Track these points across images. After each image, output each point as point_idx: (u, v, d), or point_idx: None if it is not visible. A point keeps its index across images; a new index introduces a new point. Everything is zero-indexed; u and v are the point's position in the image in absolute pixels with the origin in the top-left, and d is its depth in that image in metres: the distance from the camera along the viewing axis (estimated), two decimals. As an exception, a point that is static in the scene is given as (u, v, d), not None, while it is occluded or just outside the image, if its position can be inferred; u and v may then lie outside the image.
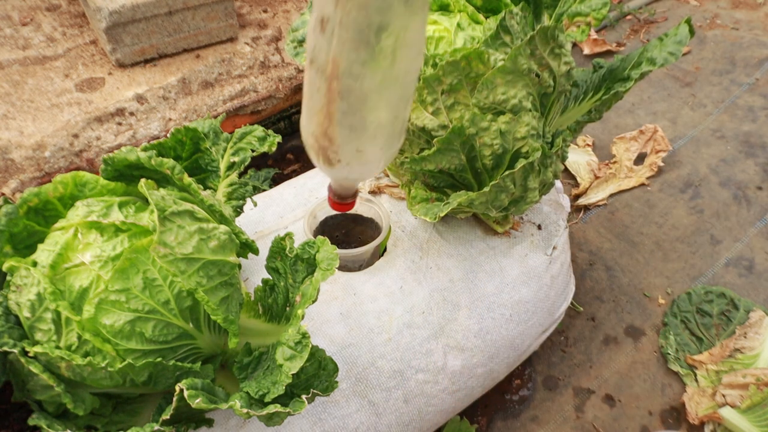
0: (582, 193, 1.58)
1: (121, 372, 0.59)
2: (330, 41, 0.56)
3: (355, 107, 0.62)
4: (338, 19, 0.55)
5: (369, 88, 0.61)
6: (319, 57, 0.59)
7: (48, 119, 1.17)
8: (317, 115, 0.63)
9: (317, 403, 0.79)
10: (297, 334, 0.59)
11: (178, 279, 0.60)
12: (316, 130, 0.64)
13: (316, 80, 0.60)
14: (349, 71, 0.59)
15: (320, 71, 0.59)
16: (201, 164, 0.84)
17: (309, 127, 0.65)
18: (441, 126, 0.81)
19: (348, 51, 0.57)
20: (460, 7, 0.86)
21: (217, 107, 1.32)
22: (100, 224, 0.63)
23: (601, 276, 1.39)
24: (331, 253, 0.65)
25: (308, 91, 0.62)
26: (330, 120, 0.63)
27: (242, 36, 1.45)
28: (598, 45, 2.14)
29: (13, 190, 1.08)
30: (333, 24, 0.55)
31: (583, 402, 1.15)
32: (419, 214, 0.83)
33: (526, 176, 0.81)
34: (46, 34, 1.39)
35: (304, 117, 0.66)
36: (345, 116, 0.62)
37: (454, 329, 0.90)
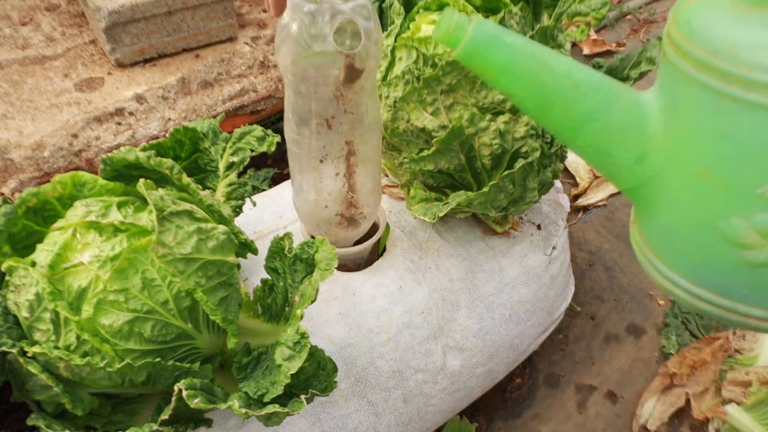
0: (581, 193, 1.58)
1: (119, 372, 0.59)
2: (340, 131, 0.70)
3: (363, 165, 0.75)
4: (342, 110, 0.68)
5: (368, 145, 0.74)
6: (333, 150, 0.72)
7: (47, 119, 1.17)
8: (339, 196, 0.77)
9: (316, 403, 0.79)
10: (296, 334, 0.59)
11: (176, 279, 0.60)
12: (340, 208, 0.79)
13: (332, 169, 0.73)
14: (360, 142, 0.72)
15: (336, 159, 0.72)
16: (200, 164, 0.84)
17: (330, 216, 0.79)
18: (440, 126, 0.81)
19: (355, 127, 0.70)
20: (460, 7, 0.86)
21: (216, 107, 1.32)
22: (99, 224, 0.63)
23: (600, 276, 1.39)
24: (329, 253, 0.65)
25: (322, 186, 0.76)
26: (354, 190, 0.77)
27: (242, 36, 1.45)
28: (597, 45, 2.14)
29: (12, 190, 1.08)
30: (338, 117, 0.68)
31: (585, 399, 1.15)
32: (418, 214, 0.83)
33: (526, 176, 0.81)
34: (46, 33, 1.39)
35: (320, 214, 0.80)
36: (360, 178, 0.75)
37: (454, 329, 0.90)
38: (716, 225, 0.42)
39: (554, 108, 0.49)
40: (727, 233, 0.42)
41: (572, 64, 0.49)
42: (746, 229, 0.40)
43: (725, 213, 0.42)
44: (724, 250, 0.42)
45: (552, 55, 0.49)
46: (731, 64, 0.38)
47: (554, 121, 0.50)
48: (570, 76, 0.48)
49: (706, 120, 0.42)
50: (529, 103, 0.50)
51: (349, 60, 0.64)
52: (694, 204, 0.44)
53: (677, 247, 0.47)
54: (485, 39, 0.49)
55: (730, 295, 0.44)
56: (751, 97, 0.38)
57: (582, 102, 0.48)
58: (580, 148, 0.50)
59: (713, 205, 0.42)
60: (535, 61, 0.48)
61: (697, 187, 0.43)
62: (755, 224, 0.40)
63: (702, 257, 0.45)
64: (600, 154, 0.49)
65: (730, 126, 0.40)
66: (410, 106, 0.81)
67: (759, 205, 0.40)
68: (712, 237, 0.43)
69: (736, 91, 0.39)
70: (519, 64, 0.49)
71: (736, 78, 0.38)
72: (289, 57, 0.64)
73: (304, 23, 0.61)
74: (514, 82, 0.49)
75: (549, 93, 0.48)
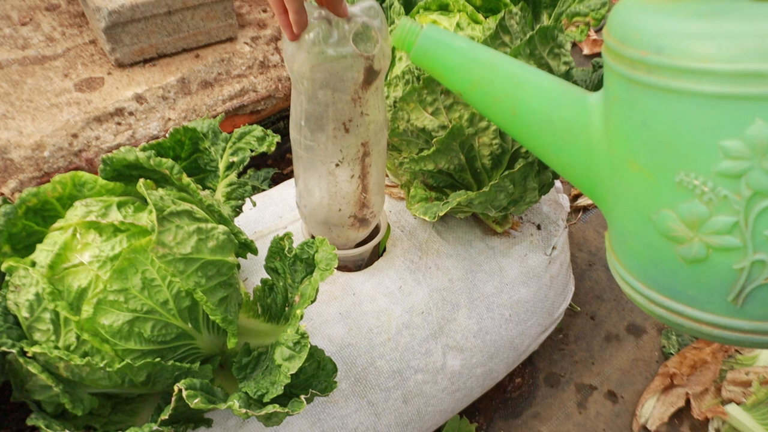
0: (581, 193, 1.58)
1: (119, 372, 0.59)
2: (357, 133, 0.70)
3: (375, 165, 0.76)
4: (359, 112, 0.69)
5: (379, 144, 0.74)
6: (350, 152, 0.72)
7: (47, 119, 1.17)
8: (353, 198, 0.78)
9: (316, 403, 0.79)
10: (296, 334, 0.59)
11: (176, 279, 0.60)
12: (353, 210, 0.80)
13: (348, 172, 0.74)
14: (374, 142, 0.73)
15: (352, 161, 0.73)
16: (200, 164, 0.84)
17: (344, 218, 0.80)
18: (440, 126, 0.81)
19: (370, 128, 0.71)
20: (460, 7, 0.86)
21: (216, 107, 1.32)
22: (99, 224, 0.63)
23: (600, 276, 1.39)
24: (329, 254, 0.65)
25: (339, 190, 0.76)
26: (366, 190, 0.78)
27: (242, 36, 1.45)
28: (597, 45, 2.14)
29: (12, 190, 1.08)
30: (355, 120, 0.69)
31: (585, 398, 1.15)
32: (418, 214, 0.83)
33: (526, 176, 0.81)
34: (46, 33, 1.39)
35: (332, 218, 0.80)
36: (373, 178, 0.77)
37: (454, 329, 0.90)
38: (651, 219, 0.42)
39: (501, 106, 0.51)
40: (659, 226, 0.41)
41: (518, 66, 0.52)
42: (674, 221, 0.40)
43: (655, 205, 0.41)
44: (662, 247, 0.42)
45: (499, 57, 0.53)
46: (634, 49, 0.40)
47: (502, 120, 0.52)
48: (514, 76, 0.51)
49: (625, 109, 0.43)
50: (477, 102, 0.53)
51: (368, 62, 0.64)
52: (632, 199, 0.44)
53: (628, 247, 0.47)
54: (433, 43, 0.55)
55: (679, 297, 0.43)
56: (654, 80, 0.39)
57: (525, 101, 0.50)
58: (533, 148, 0.52)
59: (645, 198, 0.42)
60: (480, 64, 0.52)
61: (631, 181, 0.43)
62: (680, 214, 0.40)
63: (648, 256, 0.44)
64: (550, 153, 0.51)
65: (642, 112, 0.41)
66: (410, 106, 0.81)
67: (680, 194, 0.39)
68: (651, 233, 0.42)
69: (641, 76, 0.40)
70: (465, 66, 0.53)
71: (639, 63, 0.40)
72: (307, 64, 0.63)
73: (321, 29, 0.61)
74: (462, 81, 0.53)
75: (494, 92, 0.52)
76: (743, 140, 0.36)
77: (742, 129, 0.36)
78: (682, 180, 0.39)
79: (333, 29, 0.62)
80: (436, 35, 0.55)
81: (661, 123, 0.40)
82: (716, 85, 0.36)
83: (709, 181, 0.37)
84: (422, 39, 0.55)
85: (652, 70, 0.39)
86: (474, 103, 0.54)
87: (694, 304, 0.42)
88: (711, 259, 0.39)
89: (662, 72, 0.38)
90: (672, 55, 0.37)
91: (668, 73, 0.38)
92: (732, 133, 0.36)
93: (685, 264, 0.41)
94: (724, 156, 0.36)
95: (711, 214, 0.38)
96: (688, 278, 0.42)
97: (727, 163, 0.37)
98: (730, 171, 0.37)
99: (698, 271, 0.41)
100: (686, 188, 0.39)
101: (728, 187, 0.37)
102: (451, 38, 0.55)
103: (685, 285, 0.42)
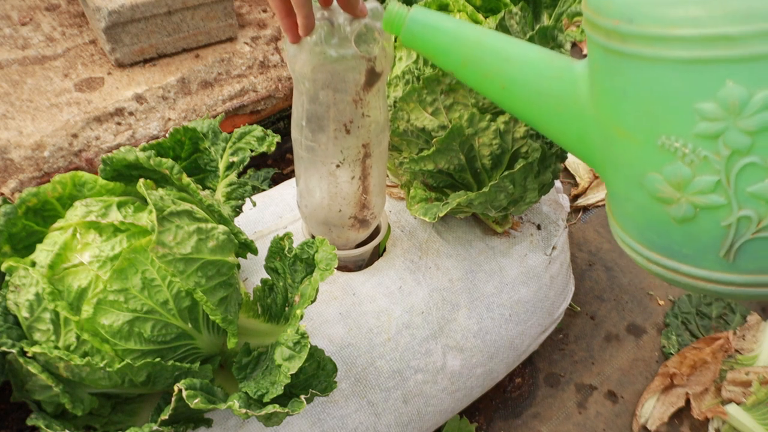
0: (581, 193, 1.58)
1: (119, 372, 0.59)
2: (357, 134, 0.70)
3: (375, 166, 0.76)
4: (361, 114, 0.68)
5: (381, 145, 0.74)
6: (351, 153, 0.72)
7: (47, 119, 1.17)
8: (353, 199, 0.78)
9: (316, 403, 0.79)
10: (296, 334, 0.59)
11: (176, 279, 0.60)
12: (354, 210, 0.79)
13: (348, 173, 0.74)
14: (375, 144, 0.73)
15: (353, 163, 0.73)
16: (200, 164, 0.84)
17: (344, 219, 0.80)
18: (440, 126, 0.81)
19: (371, 130, 0.71)
20: (460, 7, 0.86)
21: (216, 107, 1.32)
22: (99, 224, 0.63)
23: (600, 276, 1.39)
24: (329, 254, 0.65)
25: (339, 191, 0.76)
26: (367, 192, 0.78)
27: (241, 36, 1.45)
28: (597, 45, 2.14)
29: (12, 190, 1.08)
30: (356, 121, 0.69)
31: (585, 398, 1.15)
32: (418, 214, 0.83)
33: (526, 176, 0.81)
34: (46, 33, 1.39)
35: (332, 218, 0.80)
36: (373, 179, 0.77)
37: (454, 329, 0.90)
38: (640, 183, 0.43)
39: (491, 82, 0.53)
40: (649, 189, 0.43)
41: (505, 41, 0.53)
42: (661, 183, 0.41)
43: (643, 169, 0.43)
44: (654, 209, 0.43)
45: (486, 34, 0.54)
46: (608, 19, 0.41)
47: (494, 95, 0.54)
48: (501, 52, 0.52)
49: (606, 78, 0.44)
50: (469, 80, 0.55)
51: (370, 64, 0.64)
52: (622, 164, 0.45)
53: (624, 211, 0.48)
54: (421, 26, 0.56)
55: (675, 255, 0.44)
56: (628, 49, 0.40)
57: (513, 75, 0.51)
58: (527, 120, 0.54)
59: (634, 162, 0.43)
60: (468, 42, 0.53)
61: (619, 146, 0.45)
62: (666, 176, 0.41)
63: (642, 218, 0.45)
64: (543, 123, 0.52)
65: (621, 81, 0.42)
66: (410, 106, 0.81)
67: (664, 157, 0.40)
68: (642, 196, 0.44)
69: (617, 45, 0.41)
70: (454, 46, 0.54)
71: (614, 32, 0.41)
72: (309, 65, 0.63)
73: (323, 30, 0.61)
74: (452, 61, 0.55)
75: (483, 69, 0.53)
76: (717, 102, 0.37)
77: (714, 91, 0.37)
78: (664, 143, 0.40)
79: (335, 30, 0.62)
80: (422, 17, 0.56)
81: (639, 90, 0.41)
82: (687, 50, 0.37)
83: (689, 143, 0.39)
84: (410, 22, 0.56)
85: (626, 39, 0.40)
86: (466, 81, 0.55)
87: (689, 261, 0.44)
88: (699, 218, 0.41)
89: (635, 40, 0.39)
90: (642, 23, 0.39)
91: (641, 41, 0.39)
92: (706, 96, 0.37)
93: (676, 224, 0.42)
94: (701, 118, 0.38)
95: (694, 175, 0.39)
96: (680, 237, 0.43)
97: (703, 125, 0.38)
98: (707, 132, 0.38)
99: (689, 229, 0.42)
100: (669, 151, 0.40)
101: (707, 148, 0.38)
102: (439, 19, 0.56)
103: (679, 244, 0.43)
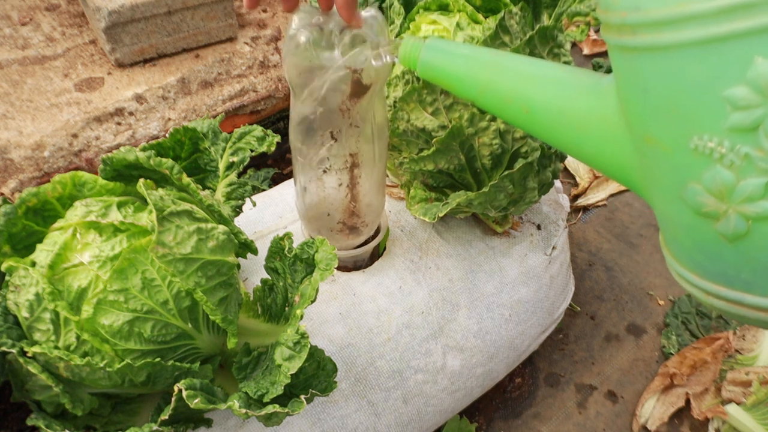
0: (581, 192, 1.58)
1: (119, 372, 0.59)
2: (344, 144, 0.70)
3: (367, 176, 0.76)
4: (348, 123, 0.68)
5: (370, 154, 0.74)
6: (337, 162, 0.72)
7: (47, 119, 1.17)
8: (341, 205, 0.78)
9: (316, 403, 0.79)
10: (296, 334, 0.59)
11: (176, 279, 0.60)
12: (343, 216, 0.80)
13: (335, 180, 0.74)
14: (366, 154, 0.73)
15: (340, 171, 0.73)
16: (200, 164, 0.84)
17: (332, 224, 0.80)
18: (440, 126, 0.81)
19: (360, 140, 0.71)
20: (460, 7, 0.86)
21: (216, 107, 1.32)
22: (99, 224, 0.62)
23: (600, 276, 1.39)
24: (329, 254, 0.65)
25: (327, 195, 0.77)
26: (356, 200, 0.78)
27: (241, 36, 1.45)
28: (597, 45, 2.14)
29: (12, 190, 1.08)
30: (344, 131, 0.69)
31: (585, 398, 1.15)
32: (418, 215, 0.83)
33: (525, 176, 0.81)
34: (46, 33, 1.39)
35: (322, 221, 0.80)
36: (363, 188, 0.77)
37: (454, 329, 0.90)
38: (681, 198, 0.38)
39: (513, 106, 0.50)
40: (691, 203, 0.37)
41: (524, 62, 0.51)
42: (703, 194, 0.36)
43: (681, 181, 0.37)
44: (700, 227, 0.38)
45: (503, 57, 0.52)
46: (616, 13, 0.38)
47: (518, 120, 0.51)
48: (521, 72, 0.50)
49: (627, 81, 0.40)
50: (490, 106, 0.52)
51: (356, 75, 0.62)
52: (660, 180, 0.40)
53: (672, 235, 0.43)
54: (436, 55, 0.54)
55: (734, 283, 0.38)
56: (640, 41, 0.36)
57: (534, 97, 0.48)
58: (557, 144, 0.50)
59: (670, 174, 0.38)
60: (486, 66, 0.51)
61: (653, 159, 0.40)
62: (706, 185, 0.35)
63: (690, 241, 0.40)
64: (573, 145, 0.48)
65: (640, 80, 0.38)
66: (410, 106, 0.81)
67: (700, 162, 0.35)
68: (686, 213, 0.38)
69: (629, 40, 0.37)
70: (471, 72, 0.52)
71: (624, 26, 0.37)
72: (295, 69, 0.62)
73: (312, 35, 0.60)
74: (471, 88, 0.52)
75: (504, 93, 0.50)
76: (748, 84, 0.31)
77: (742, 72, 0.31)
78: (698, 146, 0.34)
79: (324, 37, 0.60)
80: (439, 47, 0.54)
81: (659, 87, 0.36)
82: (701, 28, 0.32)
83: (725, 140, 0.33)
84: (425, 52, 0.54)
85: (637, 31, 0.36)
86: (488, 108, 0.52)
87: (752, 289, 0.37)
88: (753, 232, 0.34)
89: (645, 29, 0.36)
90: (649, 7, 0.35)
91: (651, 29, 0.35)
92: (733, 80, 0.32)
93: (728, 243, 0.36)
94: (732, 108, 0.32)
95: (738, 179, 0.33)
96: (736, 259, 0.37)
97: (737, 115, 0.32)
98: (743, 123, 0.32)
99: (743, 248, 0.35)
100: (704, 154, 0.34)
101: (747, 143, 0.32)
102: (454, 47, 0.54)
103: (735, 268, 0.37)
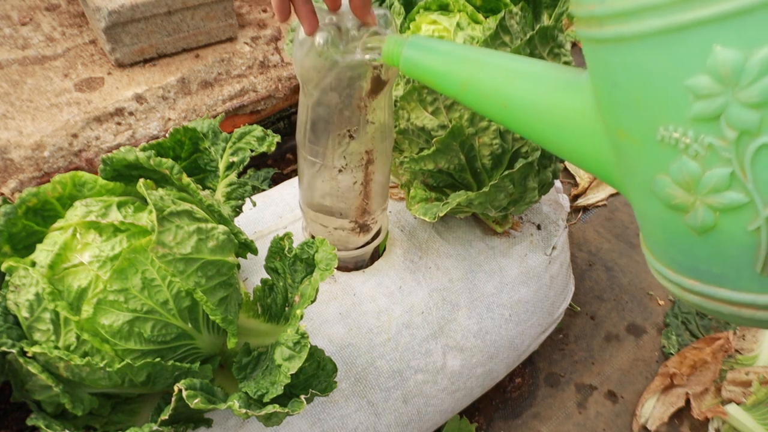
0: (581, 193, 1.58)
1: (119, 372, 0.59)
2: (361, 141, 0.71)
3: (378, 172, 0.77)
4: (365, 120, 0.69)
5: (384, 152, 0.76)
6: (354, 159, 0.73)
7: (47, 119, 1.17)
8: (354, 204, 0.79)
9: (316, 403, 0.79)
10: (296, 334, 0.59)
11: (176, 279, 0.60)
12: (355, 214, 0.80)
13: (350, 179, 0.75)
14: (379, 150, 0.74)
15: (355, 168, 0.74)
16: (200, 164, 0.84)
17: (344, 223, 0.81)
18: (440, 126, 0.81)
19: (375, 136, 0.72)
20: (460, 7, 0.86)
21: (216, 107, 1.32)
22: (99, 224, 0.62)
23: (600, 276, 1.39)
24: (329, 254, 0.65)
25: (342, 195, 0.77)
26: (368, 197, 0.79)
27: (241, 36, 1.45)
28: (597, 45, 2.14)
29: (12, 190, 1.08)
30: (361, 128, 0.69)
31: (585, 398, 1.15)
32: (418, 214, 0.83)
33: (526, 176, 0.81)
34: (46, 33, 1.39)
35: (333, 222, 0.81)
36: (376, 185, 0.78)
37: (454, 329, 0.90)
38: (652, 191, 0.38)
39: (492, 102, 0.50)
40: (661, 197, 0.37)
41: (502, 56, 0.51)
42: (671, 186, 0.36)
43: (650, 173, 0.37)
44: (671, 220, 0.38)
45: (483, 53, 0.52)
46: (584, 6, 0.38)
47: (497, 116, 0.51)
48: (499, 69, 0.50)
49: (598, 74, 0.40)
50: (472, 103, 0.53)
51: (376, 71, 0.63)
52: (633, 174, 0.40)
53: (648, 231, 0.43)
54: (418, 52, 0.55)
55: (705, 277, 0.38)
56: (606, 33, 0.36)
57: (512, 90, 0.49)
58: (536, 140, 0.50)
59: (641, 167, 0.38)
60: (466, 62, 0.52)
61: (626, 153, 0.40)
62: (674, 177, 0.35)
63: (663, 235, 0.40)
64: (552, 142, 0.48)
65: (609, 72, 0.38)
66: (410, 106, 0.81)
67: (667, 153, 0.35)
68: (657, 207, 0.38)
69: (596, 32, 0.37)
70: (452, 68, 0.53)
71: (591, 19, 0.37)
72: (314, 70, 0.62)
73: (330, 35, 0.60)
74: (452, 84, 0.53)
75: (483, 89, 0.51)
76: (708, 73, 0.31)
77: (703, 61, 0.31)
78: (663, 136, 0.35)
79: (342, 35, 0.61)
80: (419, 43, 0.55)
81: (626, 78, 0.36)
82: (661, 18, 0.32)
83: (689, 130, 0.33)
84: (407, 49, 0.55)
85: (603, 22, 0.36)
86: (469, 105, 0.53)
87: (724, 283, 0.37)
88: (721, 224, 0.34)
89: (610, 21, 0.36)
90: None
91: (615, 19, 0.35)
92: (694, 69, 0.32)
93: (698, 236, 0.36)
94: (695, 97, 0.32)
95: (704, 170, 0.33)
96: (705, 253, 0.37)
97: (699, 104, 0.32)
98: (705, 113, 0.32)
99: (712, 241, 0.35)
100: (670, 145, 0.35)
101: (710, 133, 0.32)
102: (434, 44, 0.55)
103: (705, 262, 0.37)
